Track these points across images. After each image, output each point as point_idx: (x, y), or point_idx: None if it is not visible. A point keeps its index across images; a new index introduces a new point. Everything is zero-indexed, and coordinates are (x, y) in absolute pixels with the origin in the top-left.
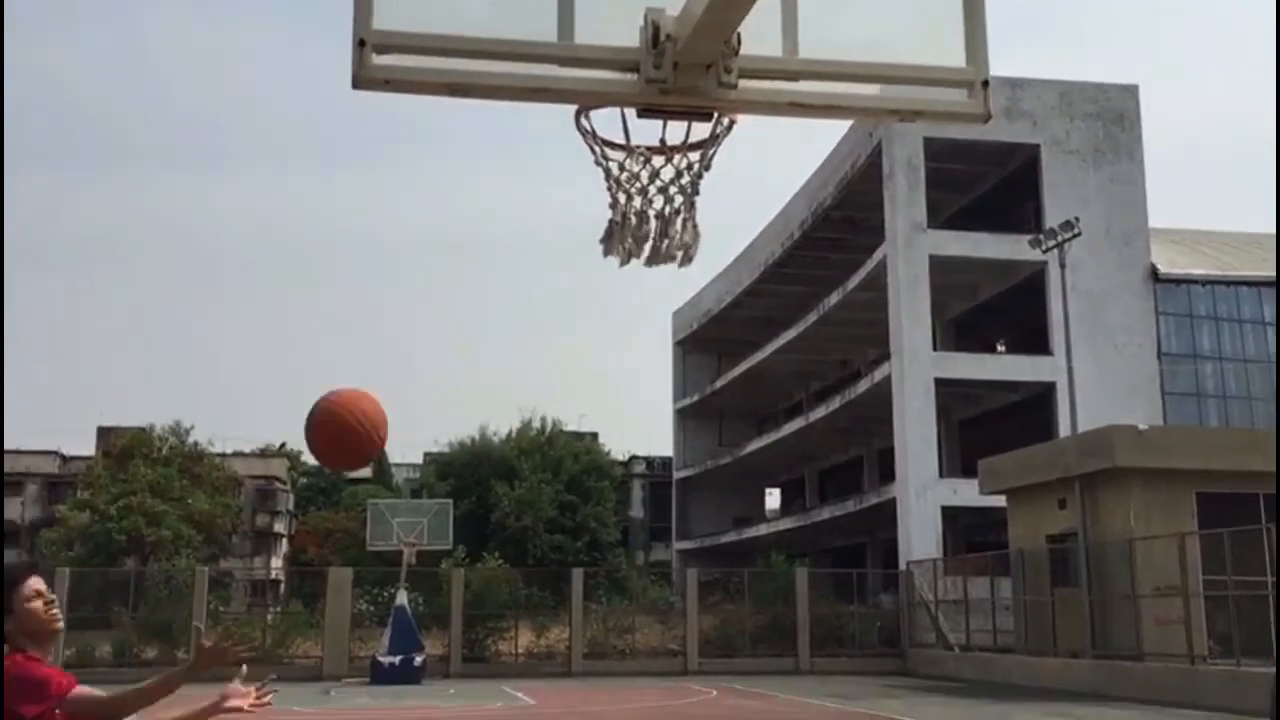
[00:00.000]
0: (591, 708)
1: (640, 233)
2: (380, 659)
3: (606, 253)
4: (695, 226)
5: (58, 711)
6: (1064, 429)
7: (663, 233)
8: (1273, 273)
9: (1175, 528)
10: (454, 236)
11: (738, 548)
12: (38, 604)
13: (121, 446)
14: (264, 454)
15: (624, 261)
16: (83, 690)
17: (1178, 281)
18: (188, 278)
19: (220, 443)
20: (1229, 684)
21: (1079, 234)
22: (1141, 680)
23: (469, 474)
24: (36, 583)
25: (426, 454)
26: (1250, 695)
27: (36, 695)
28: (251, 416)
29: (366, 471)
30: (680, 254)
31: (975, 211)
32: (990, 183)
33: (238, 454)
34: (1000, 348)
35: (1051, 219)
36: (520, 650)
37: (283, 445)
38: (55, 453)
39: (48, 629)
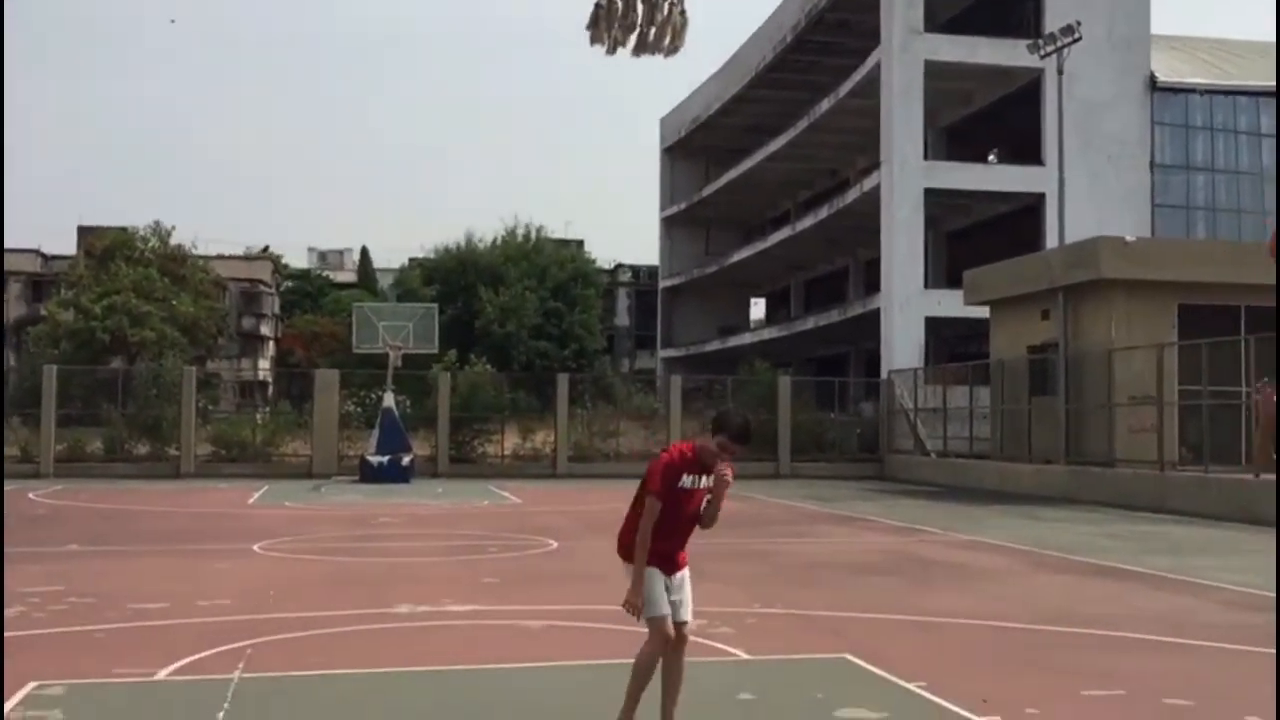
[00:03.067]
0: (576, 506)
1: (627, 20)
2: (369, 458)
3: (593, 40)
4: (683, 12)
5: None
6: (1051, 241)
7: (649, 19)
8: (1272, 82)
9: (1155, 339)
10: (437, 30)
11: (722, 356)
12: (724, 453)
13: (103, 247)
14: (248, 257)
15: (610, 50)
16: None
17: (1176, 90)
18: (171, 73)
19: (203, 245)
20: (1196, 489)
21: (1079, 39)
22: (1111, 485)
23: (455, 280)
24: None
25: (412, 259)
26: (1216, 500)
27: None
28: (235, 219)
29: (352, 276)
30: (667, 42)
31: (973, 15)
32: None
33: (221, 257)
34: (992, 158)
35: (1051, 23)
36: (506, 452)
37: (266, 248)
38: (36, 251)
39: None
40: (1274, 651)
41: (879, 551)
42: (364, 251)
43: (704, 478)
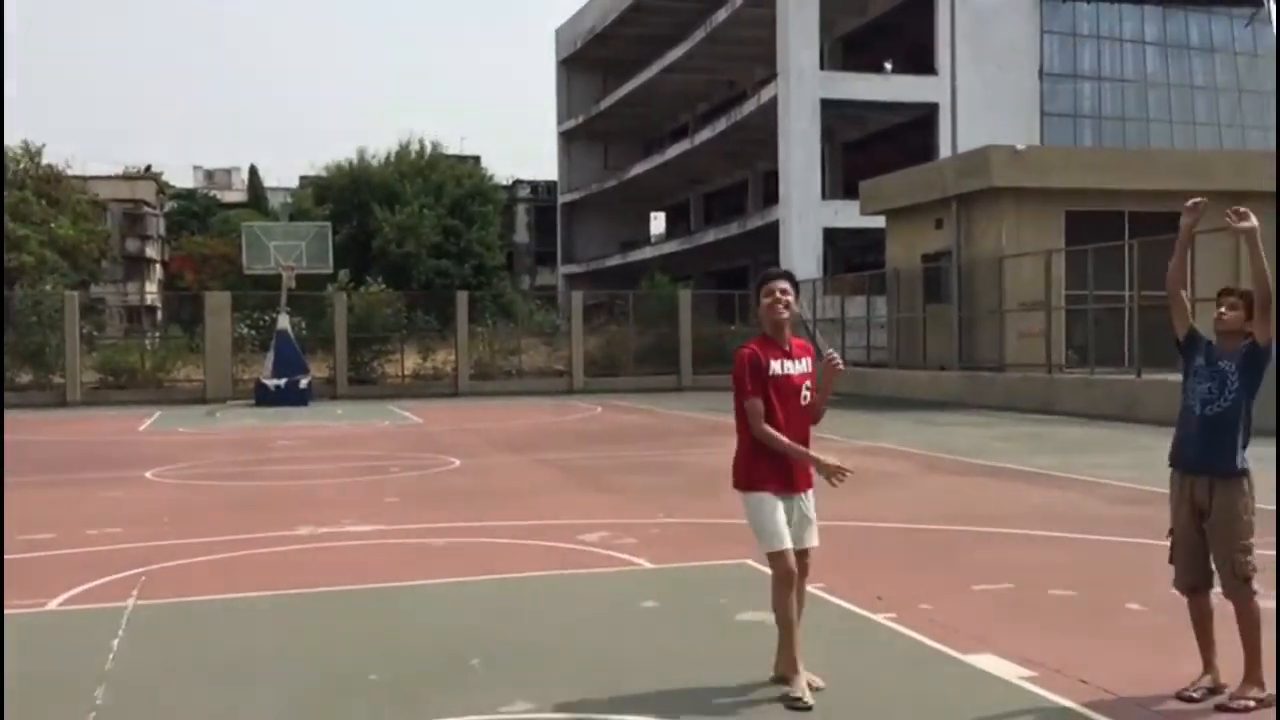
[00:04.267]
0: (478, 424)
1: None
2: (265, 381)
3: None
4: None
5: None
6: (945, 151)
7: None
8: None
9: (1044, 246)
10: None
11: (623, 271)
12: (766, 300)
13: None
14: (129, 176)
15: None
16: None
17: None
18: None
19: (79, 165)
20: (1083, 390)
21: None
22: (1003, 389)
23: (348, 198)
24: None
25: (302, 178)
26: (1101, 400)
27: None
28: (112, 138)
29: (241, 196)
30: None
31: None
32: None
33: (101, 177)
34: (887, 67)
35: None
36: (406, 372)
37: (148, 167)
38: None
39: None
40: (1154, 542)
41: None
42: (253, 170)
43: (794, 361)
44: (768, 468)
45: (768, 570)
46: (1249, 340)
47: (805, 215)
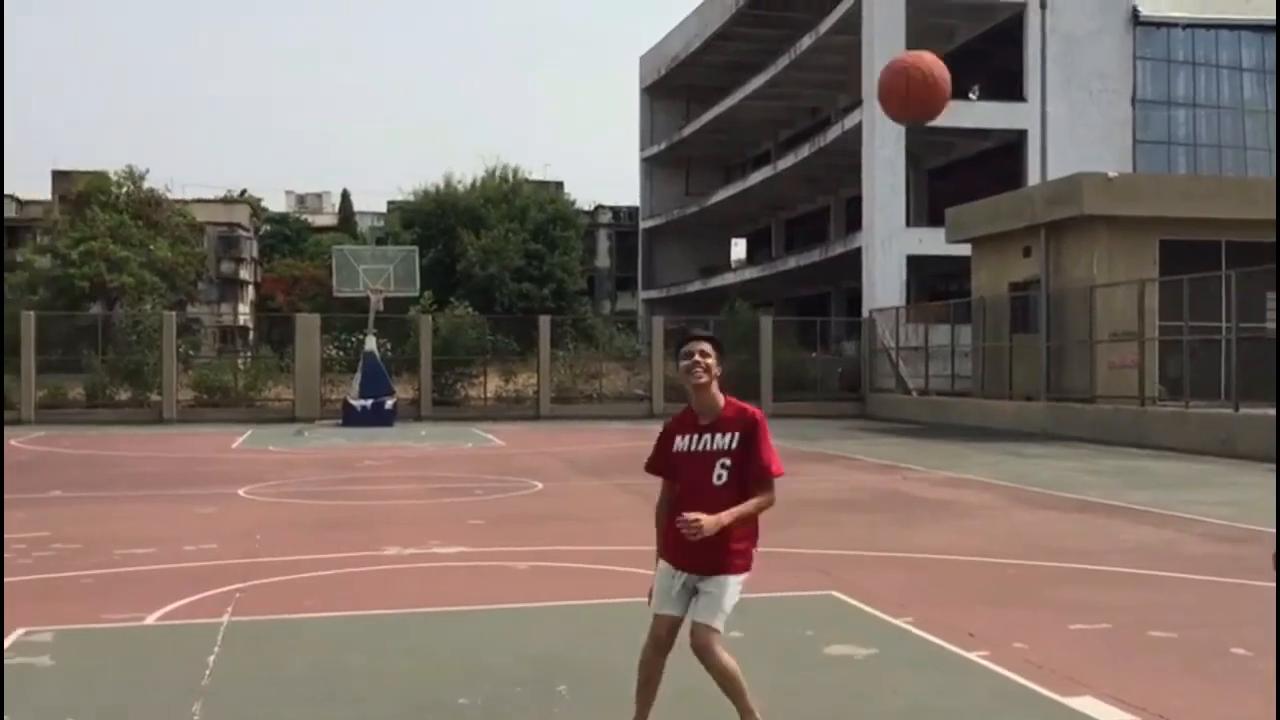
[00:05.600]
0: (560, 448)
1: None
2: (352, 402)
3: None
4: None
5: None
6: (1033, 177)
7: None
8: (1255, 15)
9: (1137, 275)
10: None
11: (703, 297)
12: (684, 364)
13: (78, 191)
14: (226, 200)
15: None
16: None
17: (1158, 25)
18: (142, 12)
19: (178, 189)
20: (1177, 423)
21: None
22: (1092, 421)
23: (434, 223)
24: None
25: (390, 203)
26: (1195, 435)
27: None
28: (213, 162)
29: (331, 219)
30: None
31: None
32: None
33: (199, 200)
34: (973, 95)
35: None
36: (489, 395)
37: (244, 191)
38: (11, 196)
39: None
40: (1256, 583)
41: (862, 489)
42: (344, 194)
43: (708, 436)
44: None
45: (853, 602)
46: None
47: (889, 242)
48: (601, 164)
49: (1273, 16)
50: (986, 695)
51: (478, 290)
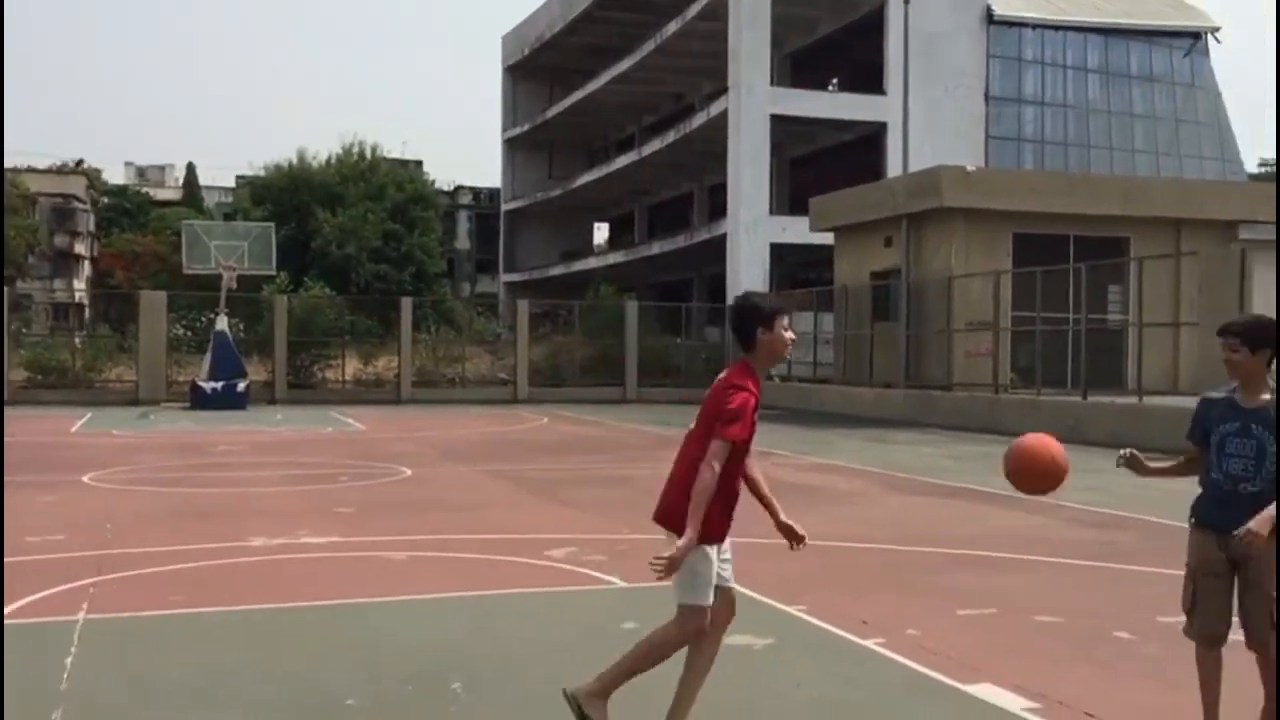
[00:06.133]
0: (425, 433)
1: None
2: (201, 384)
3: None
4: None
5: None
6: (892, 170)
7: None
8: (1101, 19)
9: (992, 266)
10: None
11: (565, 281)
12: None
13: None
14: (60, 170)
15: None
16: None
17: (1010, 24)
18: None
19: (8, 157)
20: (1029, 411)
21: None
22: (949, 408)
23: (287, 200)
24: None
25: (239, 178)
26: (1046, 421)
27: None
28: (47, 130)
29: (175, 193)
30: None
31: None
32: None
33: (31, 170)
34: (832, 86)
35: None
36: (347, 378)
37: (80, 162)
38: None
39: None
40: (1129, 567)
41: None
42: (190, 168)
43: None
44: (717, 515)
45: (744, 590)
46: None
47: (753, 230)
48: (462, 144)
49: (1116, 19)
50: (890, 685)
51: (334, 270)
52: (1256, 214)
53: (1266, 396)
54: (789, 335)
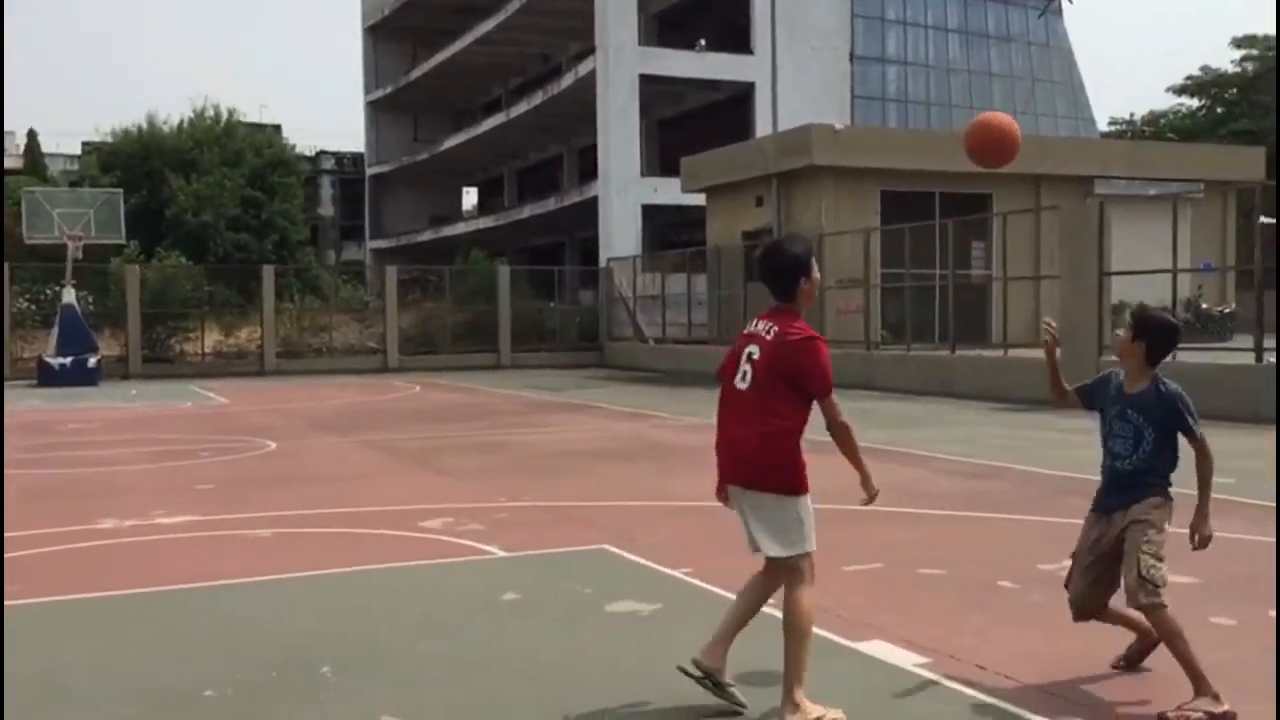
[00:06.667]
0: (290, 405)
1: None
2: (48, 360)
3: None
4: None
5: None
6: (761, 130)
7: None
8: None
9: (861, 224)
10: None
11: (435, 247)
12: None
13: None
14: None
15: None
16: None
17: None
18: None
19: None
20: (900, 366)
21: None
22: None
23: (137, 166)
24: None
25: (86, 144)
26: (916, 376)
27: None
28: None
29: (16, 161)
30: None
31: None
32: None
33: None
34: (700, 46)
35: None
36: (208, 350)
37: None
38: None
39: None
40: (1005, 516)
41: (615, 438)
42: (30, 134)
43: None
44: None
45: (627, 555)
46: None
47: (624, 192)
48: (324, 107)
49: None
50: (780, 647)
51: (190, 239)
52: (1110, 169)
53: (1143, 385)
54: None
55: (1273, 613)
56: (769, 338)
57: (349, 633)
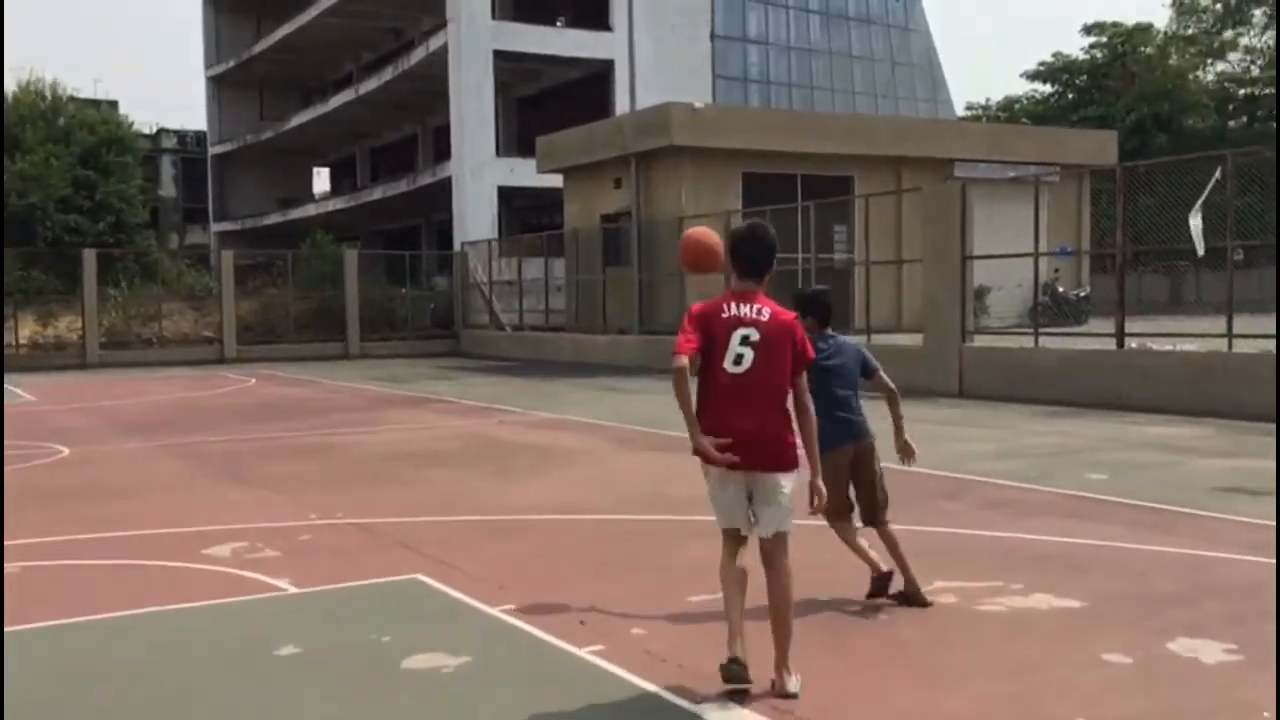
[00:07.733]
0: (105, 402)
1: None
2: None
3: None
4: None
5: None
6: (620, 109)
7: None
8: None
9: (722, 206)
10: None
11: (284, 230)
12: None
13: None
14: None
15: None
16: None
17: None
18: None
19: None
20: None
21: None
22: None
23: None
24: None
25: None
26: None
27: None
28: None
29: None
30: None
31: None
32: None
33: None
34: (560, 22)
35: None
36: (22, 342)
37: None
38: None
39: None
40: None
41: (455, 437)
42: None
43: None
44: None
45: (442, 587)
46: None
47: (479, 173)
48: (163, 82)
49: None
50: (612, 712)
51: (16, 222)
52: (970, 152)
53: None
54: None
55: (1174, 645)
56: (765, 320)
57: (77, 700)
